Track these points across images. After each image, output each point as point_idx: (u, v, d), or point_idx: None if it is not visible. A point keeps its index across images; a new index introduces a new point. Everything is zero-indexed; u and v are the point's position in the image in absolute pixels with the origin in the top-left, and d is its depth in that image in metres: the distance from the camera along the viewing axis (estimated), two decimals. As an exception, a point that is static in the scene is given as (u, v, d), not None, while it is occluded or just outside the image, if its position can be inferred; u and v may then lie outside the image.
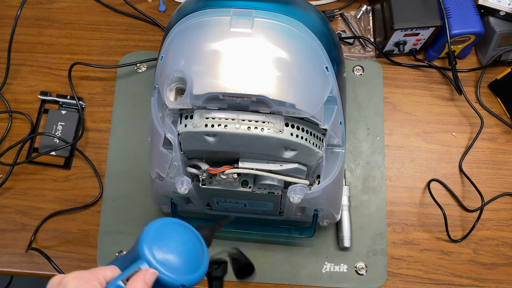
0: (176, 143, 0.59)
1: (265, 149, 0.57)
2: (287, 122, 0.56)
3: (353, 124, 0.89)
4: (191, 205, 0.77)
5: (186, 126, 0.57)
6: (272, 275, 0.81)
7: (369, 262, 0.82)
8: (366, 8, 0.94)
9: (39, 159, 0.88)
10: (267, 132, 0.54)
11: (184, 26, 0.58)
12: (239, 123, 0.55)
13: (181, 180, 0.61)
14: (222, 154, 0.60)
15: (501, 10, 0.84)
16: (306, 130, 0.57)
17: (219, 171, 0.61)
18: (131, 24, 0.96)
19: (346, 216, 0.81)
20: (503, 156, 0.88)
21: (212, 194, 0.68)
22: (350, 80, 0.91)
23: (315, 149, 0.59)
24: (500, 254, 0.83)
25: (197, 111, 0.56)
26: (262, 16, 0.55)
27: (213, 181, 0.65)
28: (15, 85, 0.92)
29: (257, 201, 0.70)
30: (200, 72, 0.54)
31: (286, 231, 0.79)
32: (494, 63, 0.90)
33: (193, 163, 0.63)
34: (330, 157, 0.64)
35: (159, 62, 0.61)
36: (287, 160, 0.59)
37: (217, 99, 0.54)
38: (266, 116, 0.55)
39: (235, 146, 0.57)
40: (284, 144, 0.56)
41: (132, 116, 0.89)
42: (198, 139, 0.57)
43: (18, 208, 0.86)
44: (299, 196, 0.61)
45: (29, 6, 0.97)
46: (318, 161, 0.62)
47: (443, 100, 0.91)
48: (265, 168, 0.60)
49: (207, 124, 0.55)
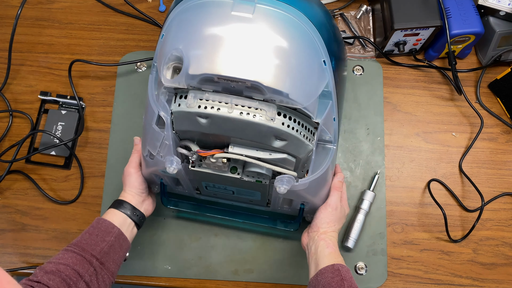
0: (168, 121, 0.59)
1: (256, 136, 0.57)
2: (279, 111, 0.56)
3: (353, 123, 0.89)
4: (181, 188, 0.77)
5: (180, 106, 0.57)
6: (272, 275, 0.81)
7: (369, 262, 0.82)
8: (366, 8, 0.94)
9: (39, 159, 0.88)
10: (258, 119, 0.55)
11: (186, 6, 0.58)
12: (232, 107, 0.55)
13: (171, 160, 0.62)
14: (213, 138, 0.61)
15: (501, 10, 0.84)
16: (298, 122, 0.58)
17: (209, 154, 0.61)
18: (131, 24, 0.96)
19: (361, 219, 0.82)
20: (503, 156, 0.88)
21: (201, 177, 0.69)
22: (350, 79, 0.91)
23: (305, 142, 0.59)
24: (500, 254, 0.83)
25: (192, 91, 0.56)
26: (265, 3, 0.55)
27: (203, 164, 0.65)
28: (15, 85, 0.92)
29: (245, 189, 0.71)
30: (197, 52, 0.54)
31: (272, 222, 0.80)
32: (494, 63, 0.90)
33: (184, 144, 0.64)
34: (321, 153, 0.64)
35: (160, 40, 0.61)
36: (276, 150, 0.60)
37: (212, 81, 0.54)
38: (259, 103, 0.55)
39: (226, 130, 0.57)
40: (274, 133, 0.57)
41: (132, 116, 0.89)
42: (190, 119, 0.57)
43: (18, 208, 0.86)
44: (286, 187, 0.61)
45: (29, 6, 0.97)
46: (308, 154, 0.62)
47: (443, 100, 0.91)
48: (254, 155, 0.60)
49: (200, 105, 0.55)
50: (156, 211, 0.85)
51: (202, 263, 0.82)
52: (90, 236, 0.64)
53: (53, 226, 0.85)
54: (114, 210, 0.69)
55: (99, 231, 0.65)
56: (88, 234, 0.64)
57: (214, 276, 0.82)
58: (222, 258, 0.82)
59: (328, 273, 0.61)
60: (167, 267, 0.82)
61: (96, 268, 0.61)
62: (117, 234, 0.66)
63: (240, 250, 0.83)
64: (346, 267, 0.62)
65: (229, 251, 0.83)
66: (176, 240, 0.83)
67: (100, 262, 0.62)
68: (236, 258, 0.82)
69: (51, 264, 0.59)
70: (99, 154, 0.88)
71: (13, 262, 0.83)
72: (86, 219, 0.85)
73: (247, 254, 0.83)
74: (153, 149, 0.63)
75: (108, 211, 0.69)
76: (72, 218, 0.85)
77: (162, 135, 0.61)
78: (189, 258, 0.82)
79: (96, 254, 0.62)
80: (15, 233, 0.84)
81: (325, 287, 0.60)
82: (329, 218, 0.68)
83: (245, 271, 0.82)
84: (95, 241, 0.63)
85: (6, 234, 0.84)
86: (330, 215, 0.69)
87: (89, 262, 0.61)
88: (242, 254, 0.83)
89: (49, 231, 0.85)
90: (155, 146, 0.62)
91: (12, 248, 0.84)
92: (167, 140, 0.61)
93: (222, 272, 0.82)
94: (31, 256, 0.83)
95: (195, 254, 0.83)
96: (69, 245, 0.63)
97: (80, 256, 0.61)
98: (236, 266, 0.82)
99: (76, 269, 0.59)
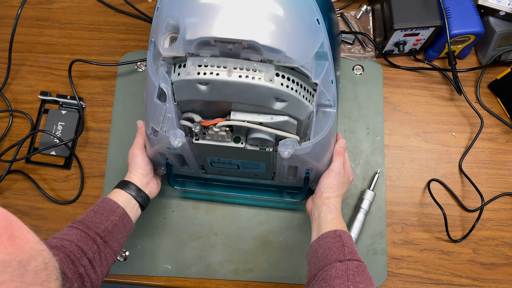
0: (169, 92, 0.60)
1: (256, 99, 0.58)
2: (277, 72, 0.57)
3: (353, 123, 0.89)
4: (186, 168, 0.78)
5: (180, 75, 0.58)
6: (272, 274, 0.81)
7: (368, 261, 0.82)
8: (366, 8, 0.94)
9: (39, 159, 0.88)
10: (257, 80, 0.55)
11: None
12: (230, 71, 0.55)
13: (175, 133, 0.62)
14: (214, 107, 0.62)
15: (501, 10, 0.84)
16: (297, 82, 0.58)
17: (212, 123, 0.62)
18: (131, 24, 0.96)
19: (361, 219, 0.82)
20: (503, 156, 0.88)
21: (205, 152, 0.70)
22: (350, 79, 0.91)
23: (305, 102, 0.60)
24: (500, 254, 0.83)
25: (190, 58, 0.57)
26: None
27: (206, 136, 0.66)
28: (15, 85, 0.92)
29: (249, 162, 0.72)
30: (193, 18, 0.55)
31: (279, 195, 0.81)
32: (494, 63, 0.90)
33: (186, 116, 0.64)
34: (322, 118, 0.65)
35: (155, 13, 0.62)
36: (277, 113, 0.60)
37: (209, 45, 0.55)
38: (257, 64, 0.56)
39: (227, 95, 0.58)
40: (274, 94, 0.57)
41: (132, 115, 0.90)
42: (190, 87, 0.58)
43: (18, 208, 0.86)
44: (289, 150, 0.61)
45: (29, 6, 0.97)
46: (309, 116, 0.63)
47: (443, 100, 0.91)
48: (256, 120, 0.61)
49: (199, 72, 0.56)
50: (157, 209, 0.85)
51: (202, 262, 0.82)
52: (95, 215, 0.64)
53: (53, 226, 0.85)
54: (119, 190, 0.69)
55: (104, 210, 0.65)
56: (93, 212, 0.65)
57: (214, 276, 0.82)
58: (222, 258, 0.82)
59: (330, 238, 0.61)
60: (167, 267, 0.82)
61: (100, 246, 0.62)
62: (121, 214, 0.66)
63: (240, 249, 0.83)
64: (348, 233, 0.63)
65: (229, 251, 0.83)
66: (176, 239, 0.83)
67: (103, 241, 0.63)
68: (236, 258, 0.82)
69: (55, 240, 0.60)
70: (99, 154, 0.88)
71: (13, 262, 0.83)
72: (86, 219, 0.85)
73: (247, 253, 0.83)
74: (157, 125, 0.64)
75: (113, 191, 0.69)
76: (72, 218, 0.85)
77: (165, 108, 0.61)
78: (189, 257, 0.82)
79: (100, 232, 0.63)
80: (15, 233, 0.84)
81: (326, 251, 0.60)
82: (332, 183, 0.69)
83: (245, 270, 0.82)
84: (100, 220, 0.64)
85: (6, 234, 0.84)
86: (333, 180, 0.69)
87: (93, 240, 0.61)
88: (242, 253, 0.83)
89: (49, 231, 0.84)
90: (158, 121, 0.63)
91: (12, 248, 0.84)
92: (169, 113, 0.61)
93: (222, 271, 0.82)
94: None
95: (195, 254, 0.83)
96: (74, 222, 0.63)
97: (84, 233, 0.61)
98: (236, 266, 0.82)
99: (80, 246, 0.60)
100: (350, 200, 0.85)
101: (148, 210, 0.84)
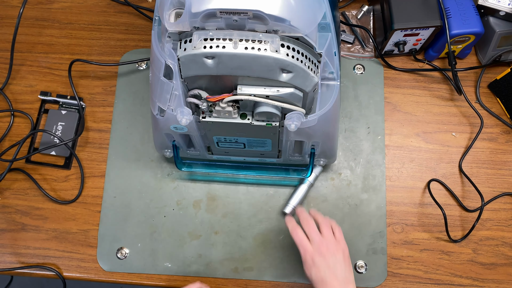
0: (176, 69, 0.60)
1: (262, 70, 0.59)
2: (283, 43, 0.57)
3: (353, 122, 0.89)
4: (192, 150, 0.79)
5: (186, 50, 0.58)
6: (272, 273, 0.81)
7: (368, 261, 0.82)
8: (367, 8, 0.94)
9: (39, 159, 0.88)
10: (263, 52, 0.56)
11: None
12: (236, 43, 0.56)
13: (182, 111, 0.63)
14: (220, 82, 0.62)
15: (501, 10, 0.84)
16: (302, 53, 0.59)
17: (218, 98, 0.63)
18: (131, 24, 0.96)
19: (304, 189, 0.84)
20: (503, 156, 0.88)
21: (212, 129, 0.70)
22: (351, 78, 0.91)
23: (310, 73, 0.60)
24: (500, 254, 0.83)
25: (196, 32, 0.57)
26: None
27: (213, 114, 0.67)
28: (15, 85, 0.92)
29: (256, 139, 0.72)
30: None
31: (285, 172, 0.82)
32: (493, 63, 0.90)
33: (193, 93, 0.65)
34: (326, 93, 0.65)
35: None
36: (283, 85, 0.61)
37: (214, 17, 0.56)
38: (262, 35, 0.56)
39: (233, 68, 0.59)
40: (280, 65, 0.58)
41: (133, 114, 0.90)
42: (197, 62, 0.58)
43: (18, 208, 0.86)
44: (296, 123, 0.62)
45: (29, 6, 0.97)
46: (314, 88, 0.63)
47: (443, 100, 0.91)
48: (262, 93, 0.61)
49: (205, 46, 0.57)
50: (157, 207, 0.85)
51: (202, 260, 0.82)
52: None
53: (53, 226, 0.85)
54: None
55: None
56: None
57: (214, 274, 0.82)
58: (222, 256, 0.82)
59: None
60: (167, 265, 0.82)
61: None
62: None
63: (240, 248, 0.83)
64: None
65: (229, 249, 0.83)
66: (176, 237, 0.83)
67: None
68: (236, 256, 0.82)
69: None
70: (99, 154, 0.88)
71: (13, 262, 0.83)
72: (86, 219, 0.85)
73: (247, 252, 0.83)
74: (163, 104, 0.64)
75: None
76: (72, 218, 0.85)
77: (171, 85, 0.62)
78: (189, 255, 0.82)
79: None
80: (15, 233, 0.84)
81: None
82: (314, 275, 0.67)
83: (245, 269, 0.82)
84: None
85: (6, 234, 0.84)
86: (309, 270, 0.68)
87: None
88: (242, 252, 0.83)
89: (49, 231, 0.85)
90: (166, 99, 0.64)
91: (12, 248, 0.84)
92: (176, 90, 0.62)
93: (222, 270, 0.82)
94: (31, 256, 0.83)
95: (195, 252, 0.83)
96: None
97: None
98: (236, 264, 0.82)
99: None
100: (350, 200, 0.85)
101: (148, 208, 0.85)
